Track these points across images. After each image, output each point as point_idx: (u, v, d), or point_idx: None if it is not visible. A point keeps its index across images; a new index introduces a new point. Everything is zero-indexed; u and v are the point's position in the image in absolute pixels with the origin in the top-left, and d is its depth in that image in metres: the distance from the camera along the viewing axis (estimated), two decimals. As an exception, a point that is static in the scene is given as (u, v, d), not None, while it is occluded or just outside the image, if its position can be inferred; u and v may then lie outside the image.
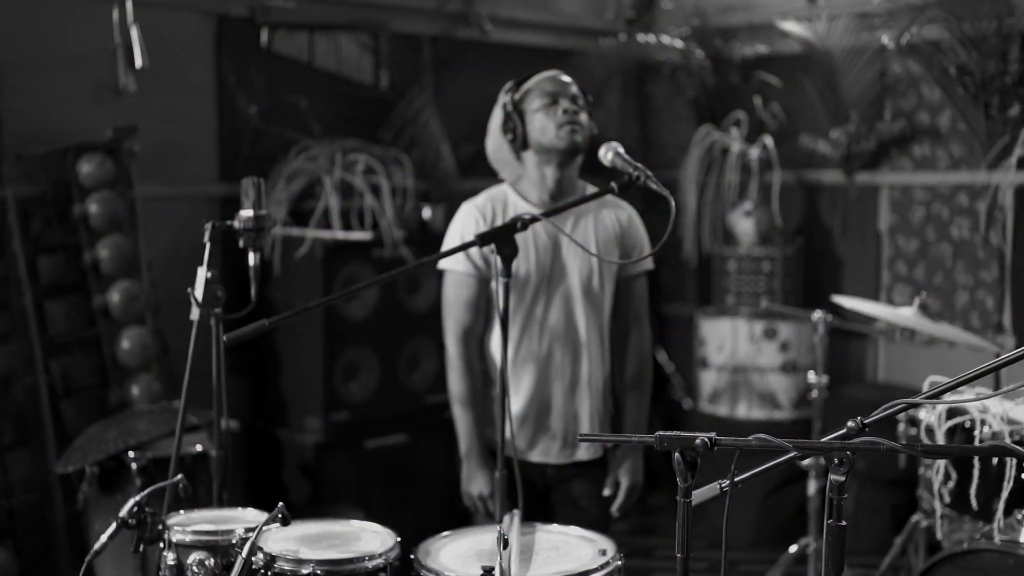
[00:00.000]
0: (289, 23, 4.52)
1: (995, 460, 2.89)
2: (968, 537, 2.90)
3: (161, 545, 2.36)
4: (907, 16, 4.57)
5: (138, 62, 3.98)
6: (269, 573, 2.21)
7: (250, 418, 4.36)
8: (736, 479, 1.89)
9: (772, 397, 4.90)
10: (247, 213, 2.64)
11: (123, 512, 2.31)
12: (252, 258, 2.67)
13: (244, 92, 4.40)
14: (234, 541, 2.34)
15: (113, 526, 2.31)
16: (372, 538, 2.36)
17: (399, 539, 2.34)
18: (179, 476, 2.44)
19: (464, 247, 2.47)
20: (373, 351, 4.28)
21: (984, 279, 4.76)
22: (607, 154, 2.55)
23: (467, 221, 2.82)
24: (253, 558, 2.20)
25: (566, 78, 2.82)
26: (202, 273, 2.63)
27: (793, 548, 3.95)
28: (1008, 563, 2.75)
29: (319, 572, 2.19)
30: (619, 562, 2.24)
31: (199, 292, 2.63)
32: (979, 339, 3.81)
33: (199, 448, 3.29)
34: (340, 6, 4.69)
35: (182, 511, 2.53)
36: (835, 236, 5.24)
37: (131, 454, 3.26)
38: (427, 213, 4.41)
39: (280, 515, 2.19)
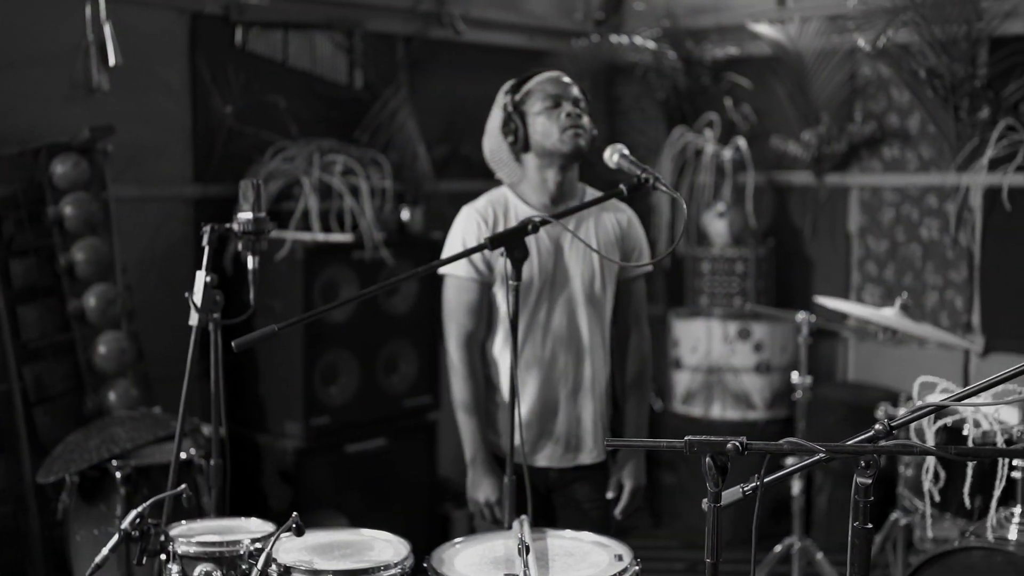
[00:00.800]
0: (263, 21, 4.45)
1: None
2: (959, 535, 2.94)
3: (164, 557, 2.30)
4: (879, 19, 4.62)
5: (111, 60, 3.89)
6: (284, 584, 2.17)
7: (229, 423, 4.26)
8: (764, 480, 1.89)
9: (746, 397, 4.93)
10: (246, 216, 2.59)
11: (125, 523, 2.26)
12: (251, 262, 2.62)
13: (219, 91, 4.32)
14: (241, 552, 2.29)
15: (115, 538, 2.25)
16: (385, 547, 2.33)
17: (411, 547, 2.31)
18: (182, 486, 2.38)
19: (473, 251, 2.42)
20: (352, 354, 4.23)
21: (953, 279, 4.83)
22: (612, 156, 2.53)
23: (468, 225, 2.78)
24: (268, 570, 2.15)
25: (567, 79, 2.79)
26: (201, 277, 2.57)
27: (778, 548, 3.97)
28: (996, 560, 2.79)
29: (336, 583, 2.15)
30: (636, 567, 2.22)
31: (198, 297, 2.57)
32: (959, 339, 3.87)
33: (183, 455, 3.22)
34: (314, 4, 4.62)
35: (183, 521, 2.48)
36: (805, 237, 5.29)
37: (114, 463, 3.18)
38: (406, 215, 4.36)
39: (294, 524, 2.15)
